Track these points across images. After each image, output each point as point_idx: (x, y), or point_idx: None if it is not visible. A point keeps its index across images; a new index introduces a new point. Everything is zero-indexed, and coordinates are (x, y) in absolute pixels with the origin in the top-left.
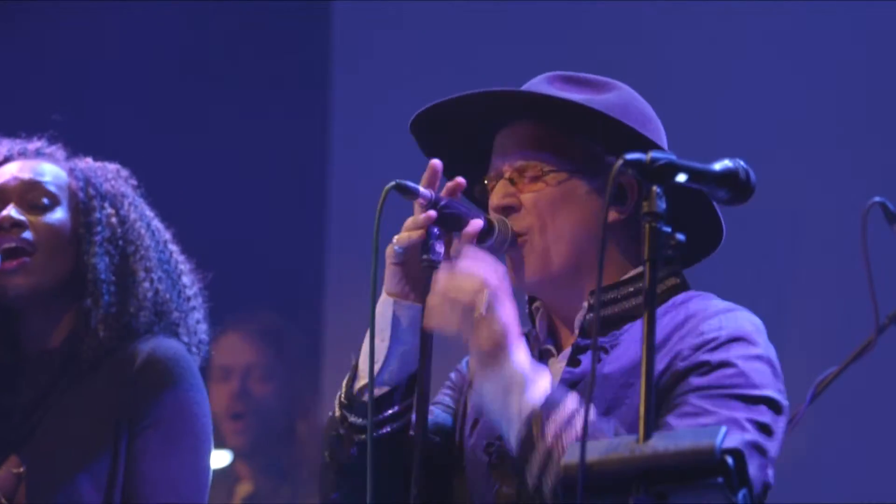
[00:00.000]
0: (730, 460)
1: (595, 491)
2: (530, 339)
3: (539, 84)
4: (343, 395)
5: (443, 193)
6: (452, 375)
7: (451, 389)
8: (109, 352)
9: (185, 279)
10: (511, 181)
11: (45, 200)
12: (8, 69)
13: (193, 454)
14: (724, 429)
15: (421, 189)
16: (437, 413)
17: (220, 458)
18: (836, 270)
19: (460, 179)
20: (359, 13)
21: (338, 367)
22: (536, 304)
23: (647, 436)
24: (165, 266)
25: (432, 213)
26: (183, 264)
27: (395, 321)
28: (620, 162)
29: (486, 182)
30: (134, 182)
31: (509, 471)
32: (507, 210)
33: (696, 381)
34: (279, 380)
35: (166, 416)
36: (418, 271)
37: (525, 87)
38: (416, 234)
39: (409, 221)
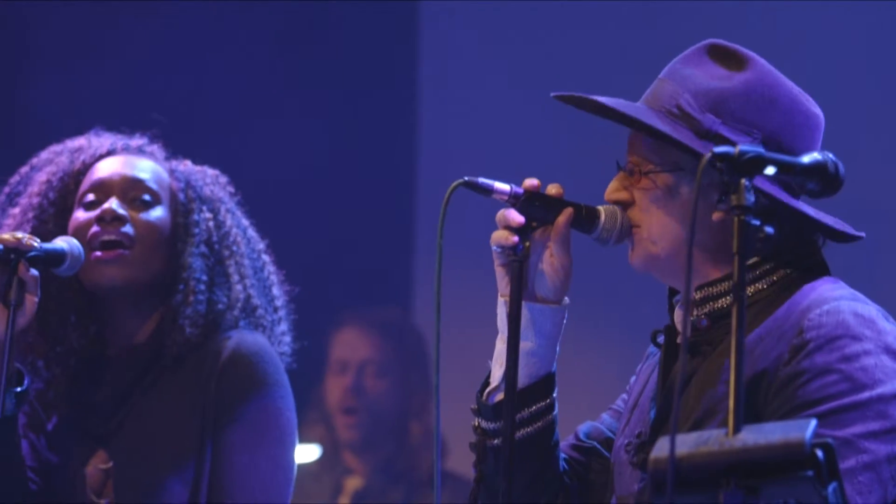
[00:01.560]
0: (820, 454)
1: (685, 485)
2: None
3: (684, 60)
4: (475, 401)
5: (522, 188)
6: (632, 379)
7: (626, 394)
8: (194, 347)
9: (275, 290)
10: (630, 173)
11: (147, 197)
12: (112, 66)
13: (278, 448)
14: (813, 422)
15: (496, 185)
16: (604, 417)
17: (308, 453)
18: None
19: (534, 181)
20: (445, 12)
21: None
22: (677, 296)
23: (737, 429)
24: (259, 274)
25: (519, 217)
26: (274, 275)
27: None
28: (709, 155)
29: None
30: (231, 189)
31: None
32: (619, 204)
33: (801, 395)
34: (394, 376)
35: (250, 411)
36: (526, 269)
37: (674, 63)
38: (507, 237)
39: (498, 216)
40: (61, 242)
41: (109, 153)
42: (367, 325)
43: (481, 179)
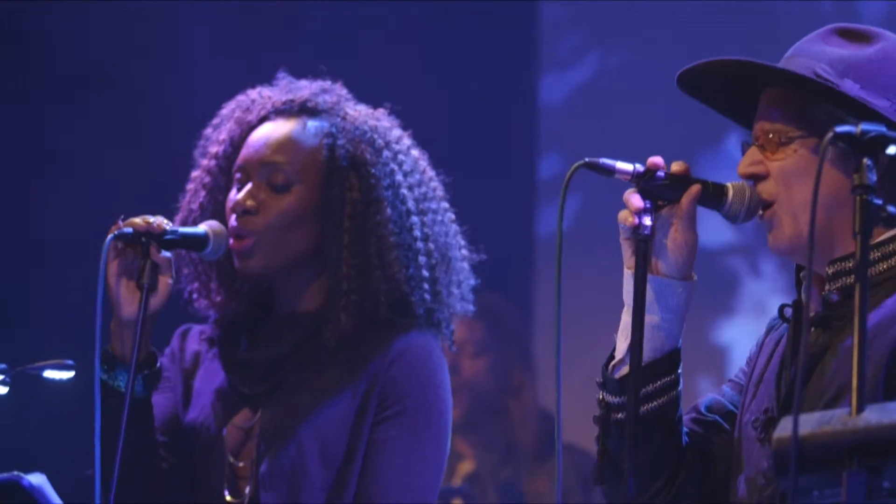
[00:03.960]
0: None
1: (808, 465)
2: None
3: (811, 39)
4: (601, 374)
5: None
6: (752, 350)
7: (746, 365)
8: (358, 335)
9: (423, 258)
10: (762, 147)
11: (284, 180)
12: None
13: (434, 450)
14: None
15: (618, 165)
16: (725, 390)
17: None
18: None
19: (658, 159)
20: (564, 13)
21: (548, 346)
22: (803, 272)
23: (860, 409)
24: (405, 249)
25: (639, 202)
26: (421, 241)
27: None
28: (830, 135)
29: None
30: (395, 134)
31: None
32: (753, 178)
33: None
34: (491, 355)
35: (412, 409)
36: (651, 247)
37: (800, 43)
38: (630, 219)
39: (624, 196)
40: (203, 227)
41: (265, 118)
42: None
43: (603, 160)
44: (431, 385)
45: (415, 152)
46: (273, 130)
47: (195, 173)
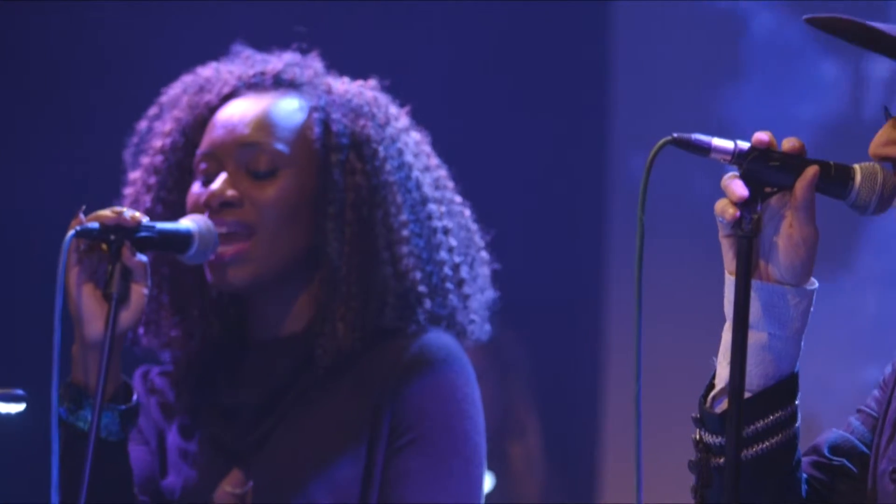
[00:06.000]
0: None
1: None
2: None
3: None
4: (697, 408)
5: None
6: (887, 370)
7: (879, 390)
8: (356, 352)
9: (444, 254)
10: None
11: (268, 165)
12: None
13: (463, 482)
14: None
15: (714, 142)
16: (854, 424)
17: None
18: None
19: (765, 135)
20: (638, 12)
21: (623, 370)
22: None
23: None
24: (424, 243)
25: (742, 190)
26: (441, 233)
27: None
28: None
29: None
30: (393, 111)
31: None
32: (890, 160)
33: None
34: (486, 390)
35: (432, 432)
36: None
37: None
38: (730, 211)
39: (723, 182)
40: (188, 222)
41: (233, 94)
42: None
43: (695, 136)
44: (454, 400)
45: (415, 133)
46: (248, 107)
47: (133, 174)
